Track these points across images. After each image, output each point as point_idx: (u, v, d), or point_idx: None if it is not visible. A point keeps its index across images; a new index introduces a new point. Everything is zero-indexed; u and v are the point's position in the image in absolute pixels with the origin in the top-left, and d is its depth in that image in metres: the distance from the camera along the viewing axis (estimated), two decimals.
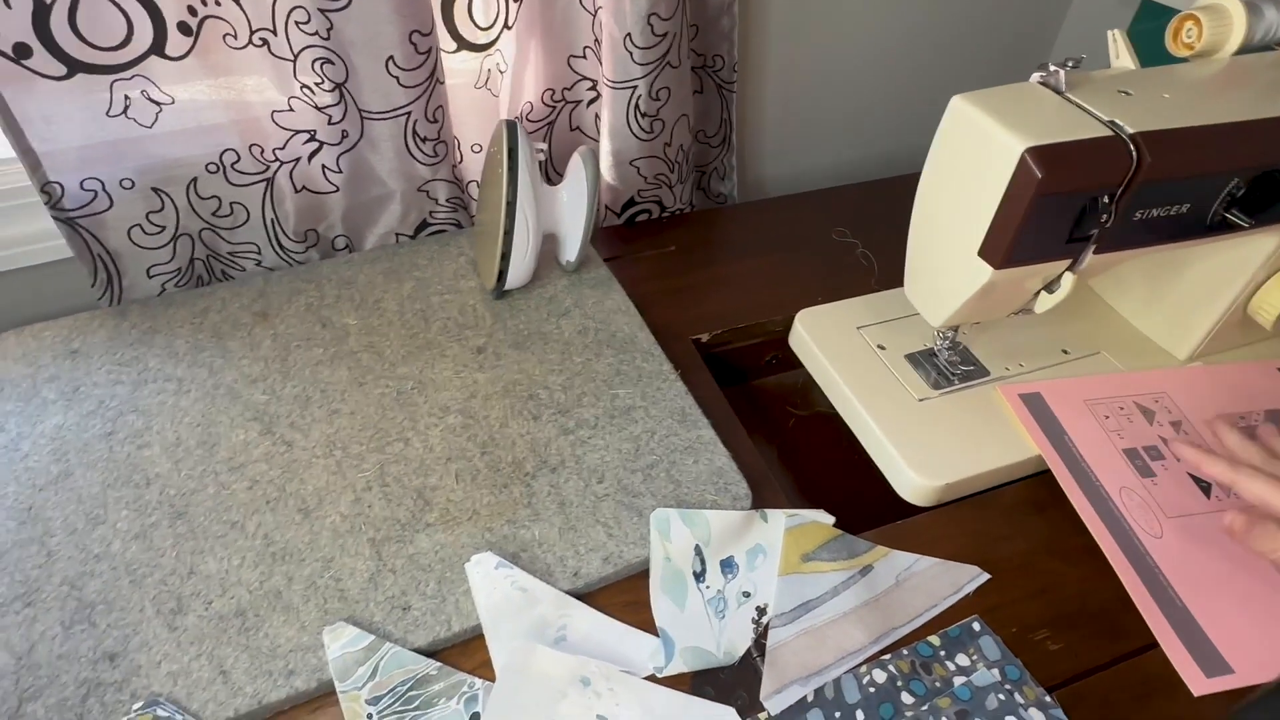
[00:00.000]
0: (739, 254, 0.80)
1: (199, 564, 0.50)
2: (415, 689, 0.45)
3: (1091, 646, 0.49)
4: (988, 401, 0.61)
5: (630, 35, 0.67)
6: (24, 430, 0.57)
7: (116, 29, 0.56)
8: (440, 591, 0.49)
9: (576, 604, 0.49)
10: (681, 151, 0.79)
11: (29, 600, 0.48)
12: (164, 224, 0.66)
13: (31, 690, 0.44)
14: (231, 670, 0.45)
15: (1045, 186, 0.46)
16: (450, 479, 0.55)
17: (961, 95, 0.50)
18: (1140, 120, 0.48)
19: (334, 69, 0.63)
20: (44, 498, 0.53)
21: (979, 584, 0.52)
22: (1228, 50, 0.56)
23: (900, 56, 0.92)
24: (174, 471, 0.55)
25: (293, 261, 0.72)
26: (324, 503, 0.53)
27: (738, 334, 0.72)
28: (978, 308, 0.55)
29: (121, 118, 0.60)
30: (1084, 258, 0.52)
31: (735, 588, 0.50)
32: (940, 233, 0.55)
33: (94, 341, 0.64)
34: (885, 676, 0.46)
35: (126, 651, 0.46)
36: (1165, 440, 0.58)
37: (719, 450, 0.57)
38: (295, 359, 0.63)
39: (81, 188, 0.61)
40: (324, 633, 0.46)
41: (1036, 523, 0.56)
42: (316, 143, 0.67)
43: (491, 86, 0.71)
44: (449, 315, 0.67)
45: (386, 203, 0.72)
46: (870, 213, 0.84)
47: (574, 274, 0.72)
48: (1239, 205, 0.52)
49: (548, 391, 0.61)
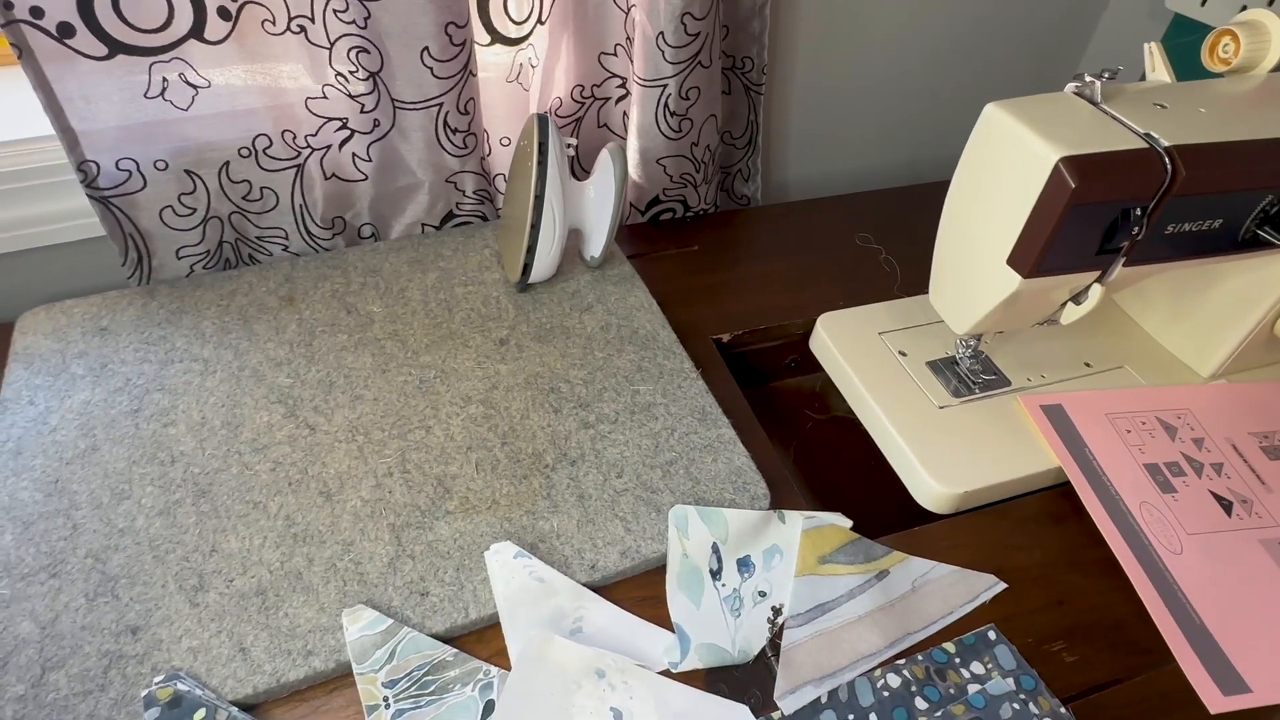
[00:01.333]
0: (762, 256, 0.80)
1: (221, 542, 0.50)
2: (431, 674, 0.45)
3: (1108, 660, 0.49)
4: (1008, 411, 0.61)
5: (663, 34, 0.67)
6: (53, 405, 0.58)
7: (158, 11, 0.57)
8: (459, 579, 0.49)
9: (593, 596, 0.49)
10: (708, 151, 0.79)
11: (54, 571, 0.49)
12: (195, 206, 0.66)
13: (55, 660, 0.45)
14: (251, 648, 0.46)
15: (1078, 197, 0.45)
16: (470, 468, 0.55)
17: (996, 103, 0.50)
18: (1175, 134, 0.48)
19: (369, 58, 0.63)
20: (71, 471, 0.54)
21: (995, 593, 0.51)
22: (1265, 67, 0.55)
23: (929, 65, 0.92)
24: (198, 450, 0.55)
25: (319, 248, 0.73)
26: (345, 487, 0.54)
27: (758, 335, 0.72)
28: (1003, 317, 0.55)
29: (159, 99, 0.61)
30: (1113, 270, 0.51)
31: (751, 587, 0.50)
32: (969, 239, 0.55)
33: (123, 320, 0.65)
34: (899, 681, 0.46)
35: (148, 625, 0.46)
36: (1187, 457, 0.58)
37: (738, 450, 0.57)
38: (320, 344, 0.64)
39: (116, 167, 0.62)
40: (343, 615, 0.47)
41: (1054, 534, 0.55)
42: (348, 131, 0.67)
43: (523, 80, 0.72)
44: (472, 306, 0.68)
45: (414, 193, 0.73)
46: (894, 219, 0.84)
47: (598, 270, 0.72)
48: (1272, 222, 0.52)
49: (569, 385, 0.61)
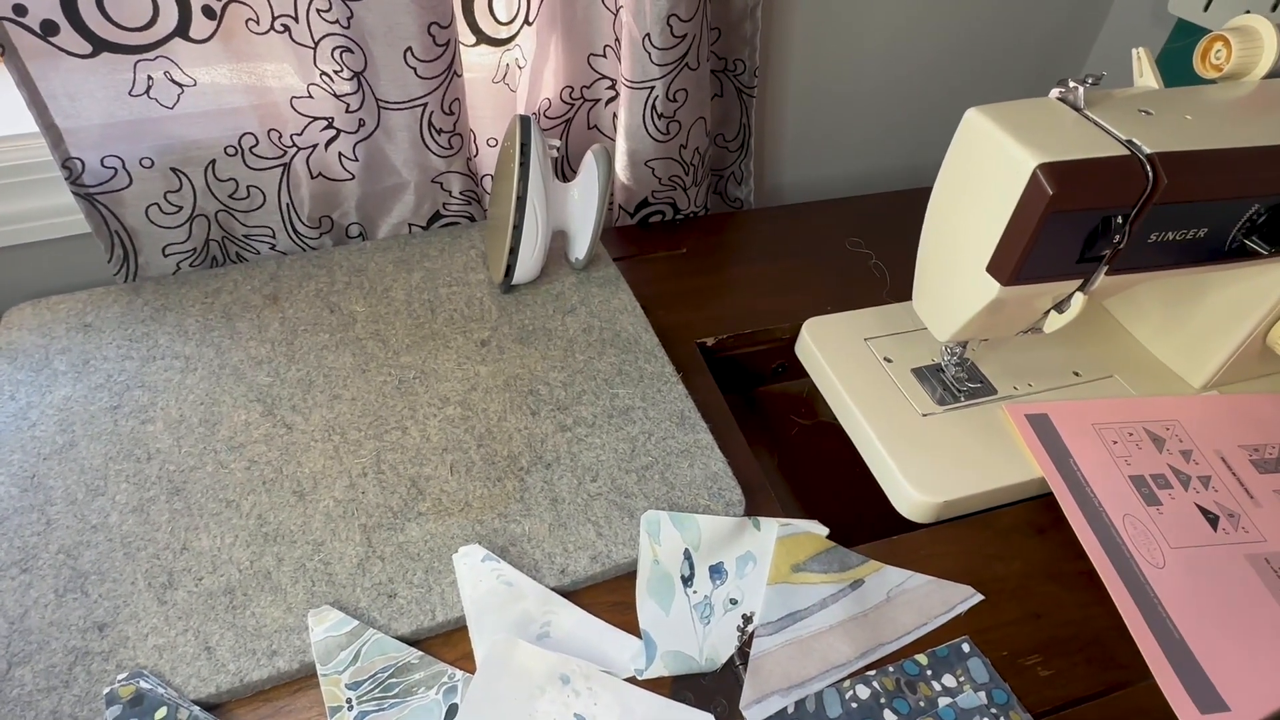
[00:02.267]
0: (750, 259, 0.79)
1: (192, 540, 0.50)
2: (395, 676, 0.45)
3: (1083, 675, 0.48)
4: (993, 420, 0.60)
5: (649, 36, 0.67)
6: (33, 400, 0.58)
7: (142, 10, 0.57)
8: (427, 581, 0.49)
9: (561, 601, 0.49)
10: (697, 154, 0.78)
11: (25, 567, 0.49)
12: (181, 204, 0.66)
13: (22, 655, 0.45)
14: (216, 647, 0.45)
15: (1057, 204, 0.45)
16: (445, 469, 0.55)
17: (976, 108, 0.49)
18: (1159, 141, 0.47)
19: (353, 58, 0.63)
20: (48, 467, 0.54)
21: (971, 604, 0.51)
22: (1257, 74, 0.55)
23: (927, 69, 0.91)
24: (175, 448, 0.56)
25: (306, 247, 0.73)
26: (319, 486, 0.54)
27: (744, 340, 0.71)
28: (985, 324, 0.55)
29: (144, 98, 0.61)
30: (1095, 278, 0.51)
31: (723, 594, 0.50)
32: (950, 246, 0.54)
33: (107, 316, 0.65)
34: (869, 693, 0.46)
35: (116, 622, 0.46)
36: (1174, 469, 0.57)
37: (715, 455, 0.57)
38: (301, 343, 0.64)
39: (102, 165, 0.62)
40: (309, 615, 0.47)
41: (1034, 546, 0.55)
42: (334, 130, 0.68)
43: (510, 81, 0.72)
44: (455, 307, 0.68)
45: (400, 193, 0.73)
46: (887, 224, 0.83)
47: (582, 272, 0.72)
48: (1259, 232, 0.51)
49: (548, 388, 0.61)
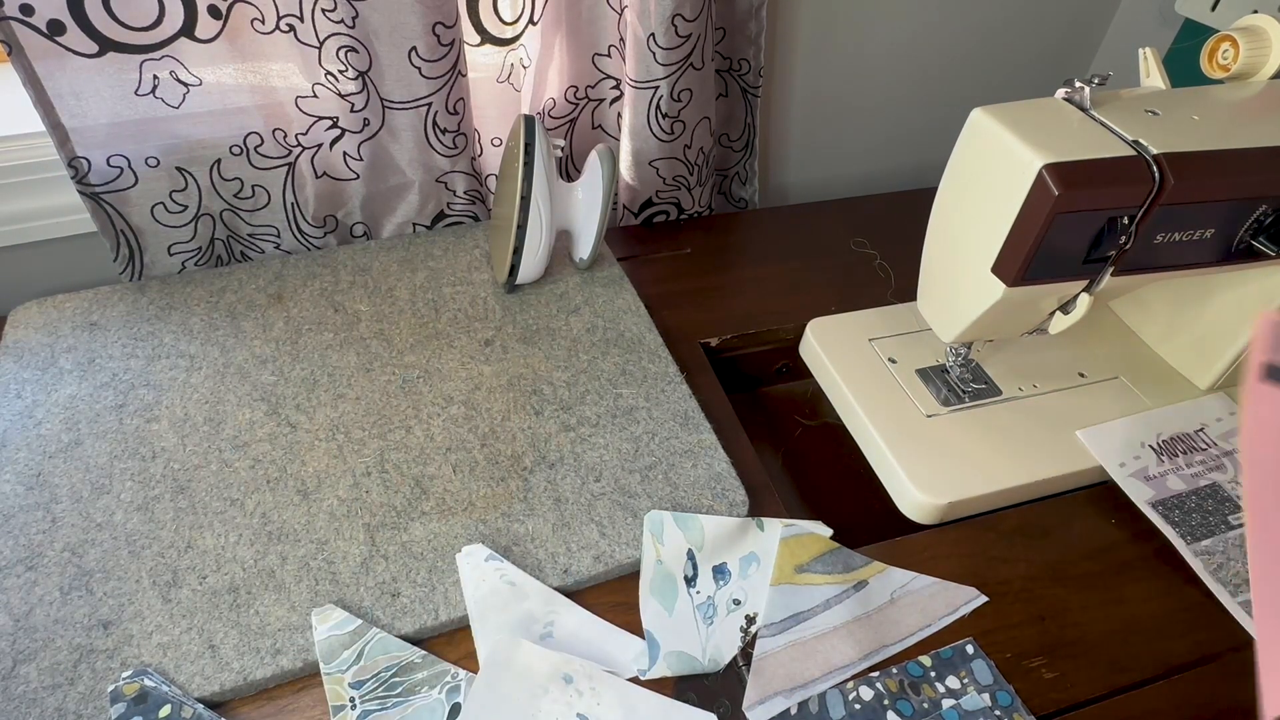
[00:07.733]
0: (755, 259, 0.79)
1: (197, 539, 0.51)
2: (399, 675, 0.45)
3: (1087, 678, 0.48)
4: (997, 421, 0.60)
5: (654, 35, 0.67)
6: (39, 398, 0.58)
7: (149, 9, 0.57)
8: (430, 580, 0.49)
9: (564, 601, 0.49)
10: (702, 154, 0.78)
11: (31, 564, 0.49)
12: (186, 203, 0.67)
13: (27, 652, 0.45)
14: (220, 645, 0.46)
15: (1062, 204, 0.44)
16: (448, 469, 0.55)
17: (982, 108, 0.49)
18: (1165, 141, 0.47)
19: (358, 57, 0.63)
20: (53, 465, 0.54)
21: (976, 606, 0.51)
22: (1265, 74, 0.54)
23: (934, 70, 0.91)
24: (180, 446, 0.56)
25: (311, 246, 0.73)
26: (323, 485, 0.54)
27: (748, 340, 0.71)
28: (990, 325, 0.54)
29: (149, 97, 0.61)
30: (1101, 279, 0.50)
31: (726, 594, 0.50)
32: (955, 247, 0.54)
33: (112, 315, 0.65)
34: (872, 694, 0.46)
35: (120, 620, 0.46)
36: None
37: (719, 455, 0.57)
38: (306, 342, 0.64)
39: (108, 164, 0.62)
40: (312, 614, 0.47)
41: (1039, 548, 0.54)
42: (338, 130, 0.68)
43: (514, 81, 0.72)
44: (459, 307, 0.68)
45: (405, 192, 0.73)
46: (892, 224, 0.83)
47: (586, 272, 0.72)
48: (1266, 233, 0.50)
49: (551, 387, 0.61)
